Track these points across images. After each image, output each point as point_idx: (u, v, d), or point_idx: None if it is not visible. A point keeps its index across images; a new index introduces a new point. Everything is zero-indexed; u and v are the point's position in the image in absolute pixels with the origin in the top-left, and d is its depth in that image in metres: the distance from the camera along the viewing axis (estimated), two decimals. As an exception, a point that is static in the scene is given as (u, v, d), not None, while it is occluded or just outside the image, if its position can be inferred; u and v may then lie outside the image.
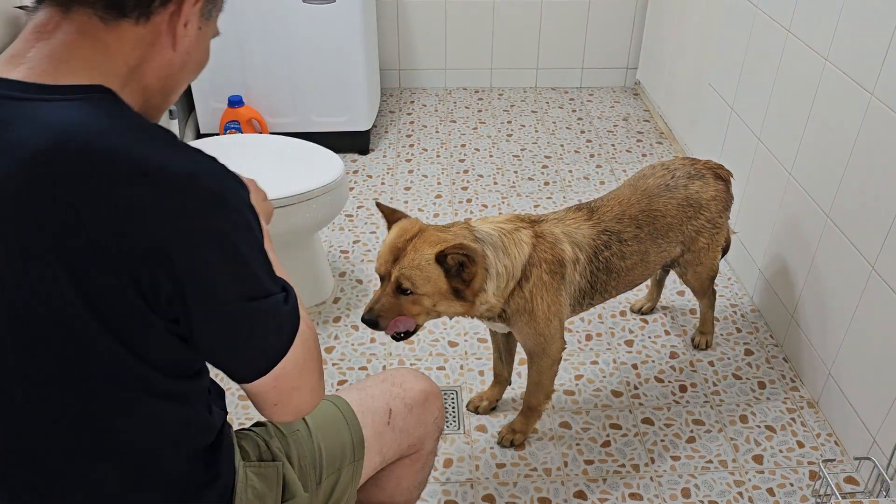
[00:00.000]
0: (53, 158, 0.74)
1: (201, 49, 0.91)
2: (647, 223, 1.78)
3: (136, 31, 0.83)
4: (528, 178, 3.08)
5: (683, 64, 3.17)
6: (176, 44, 0.85)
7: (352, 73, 3.01)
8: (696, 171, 1.88)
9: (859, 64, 1.80)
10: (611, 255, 1.72)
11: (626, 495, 1.78)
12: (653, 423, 1.98)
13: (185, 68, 0.89)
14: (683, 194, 1.84)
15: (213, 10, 0.89)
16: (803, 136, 2.06)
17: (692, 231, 1.87)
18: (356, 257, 2.59)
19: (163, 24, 0.84)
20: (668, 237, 1.83)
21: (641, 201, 1.79)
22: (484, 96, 3.77)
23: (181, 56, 0.87)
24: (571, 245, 1.66)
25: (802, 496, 1.79)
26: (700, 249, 1.91)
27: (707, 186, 1.87)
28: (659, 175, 1.86)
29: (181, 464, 0.93)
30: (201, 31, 0.88)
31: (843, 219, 1.88)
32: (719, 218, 1.91)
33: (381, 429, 1.23)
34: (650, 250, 1.80)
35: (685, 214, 1.84)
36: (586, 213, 1.74)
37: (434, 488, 1.79)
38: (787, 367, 2.15)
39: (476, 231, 1.57)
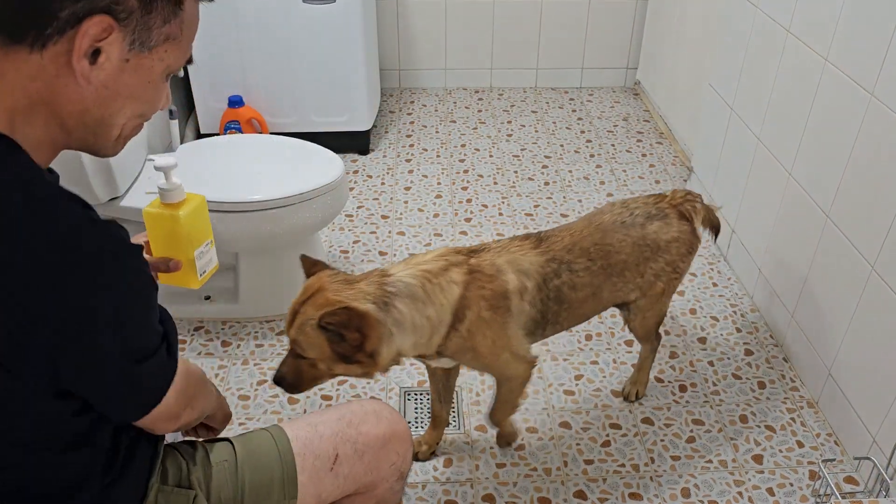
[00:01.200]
0: None
1: (132, 83, 0.82)
2: (599, 257, 1.66)
3: (33, 61, 0.76)
4: (528, 178, 3.08)
5: (683, 64, 3.17)
6: (78, 77, 0.78)
7: (352, 73, 3.01)
8: (658, 211, 1.74)
9: (859, 64, 1.80)
10: (561, 284, 1.61)
11: (625, 495, 1.78)
12: (653, 422, 1.98)
13: (106, 104, 0.82)
14: (640, 233, 1.70)
15: (148, 38, 0.80)
16: (803, 136, 2.06)
17: (650, 274, 1.73)
18: (356, 257, 2.59)
19: (63, 54, 0.76)
20: (624, 276, 1.70)
21: (594, 234, 1.67)
22: (484, 96, 3.78)
23: (96, 90, 0.79)
24: (517, 274, 1.55)
25: (802, 496, 1.79)
26: (656, 295, 1.78)
27: (668, 227, 1.73)
28: (616, 212, 1.73)
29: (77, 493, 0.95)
30: (129, 62, 0.80)
31: (842, 219, 1.88)
32: (681, 262, 1.76)
33: (322, 474, 1.16)
34: (603, 286, 1.68)
35: (641, 254, 1.71)
36: (534, 241, 1.63)
37: (434, 488, 1.79)
38: (786, 367, 2.15)
39: (390, 283, 1.39)
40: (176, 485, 1.05)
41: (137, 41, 0.79)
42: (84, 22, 0.75)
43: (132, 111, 0.86)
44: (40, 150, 0.82)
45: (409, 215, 2.83)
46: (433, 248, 1.57)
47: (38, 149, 0.81)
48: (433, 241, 2.67)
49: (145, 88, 0.84)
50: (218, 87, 3.00)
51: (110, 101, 0.82)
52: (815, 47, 1.98)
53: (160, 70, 0.84)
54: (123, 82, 0.81)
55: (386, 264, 2.54)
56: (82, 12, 0.75)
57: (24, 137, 0.80)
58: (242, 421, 1.96)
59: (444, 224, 2.77)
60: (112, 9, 0.76)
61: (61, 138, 0.83)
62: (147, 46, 0.81)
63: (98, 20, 0.76)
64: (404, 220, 2.80)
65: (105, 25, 0.76)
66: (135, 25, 0.78)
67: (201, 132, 3.13)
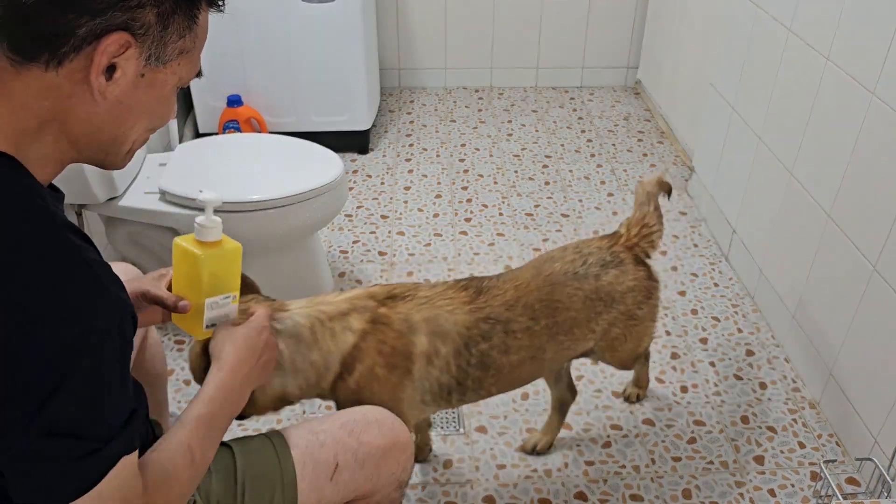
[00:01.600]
0: None
1: (146, 99, 0.81)
2: (545, 315, 1.49)
3: (46, 79, 0.75)
4: (529, 177, 3.07)
5: (684, 63, 3.17)
6: (94, 93, 0.76)
7: (351, 73, 3.00)
8: (614, 257, 1.59)
9: (861, 63, 1.79)
10: (489, 349, 1.44)
11: (626, 496, 1.78)
12: (654, 423, 1.97)
13: (120, 120, 0.81)
14: (594, 286, 1.54)
15: (164, 54, 0.79)
16: (804, 135, 2.05)
17: (603, 325, 1.58)
18: (356, 257, 2.59)
19: (79, 70, 0.75)
20: (573, 334, 1.55)
21: (542, 288, 1.50)
22: (484, 96, 3.77)
23: (110, 107, 0.79)
24: (430, 336, 1.39)
25: (804, 497, 1.78)
26: (614, 339, 1.62)
27: (624, 276, 1.58)
28: (568, 259, 1.57)
29: None
30: (144, 77, 0.79)
31: (844, 218, 1.87)
32: (637, 310, 1.61)
33: (322, 483, 1.15)
34: (546, 347, 1.52)
35: (593, 309, 1.55)
36: (472, 293, 1.46)
37: (434, 489, 1.78)
38: (788, 368, 2.15)
39: (279, 319, 1.29)
40: None
41: (153, 56, 0.79)
42: (102, 39, 0.74)
43: (144, 126, 0.85)
44: (46, 166, 0.81)
45: (408, 215, 2.82)
46: (360, 287, 1.43)
47: (44, 165, 0.80)
48: (433, 241, 2.67)
49: (158, 102, 0.84)
50: (217, 87, 2.99)
51: (124, 118, 0.81)
52: (817, 46, 1.97)
53: (173, 84, 0.84)
54: (137, 98, 0.80)
55: (385, 264, 2.54)
56: (100, 29, 0.74)
57: (30, 155, 0.78)
58: (242, 423, 1.95)
59: (443, 224, 2.77)
60: (130, 25, 0.75)
61: (70, 155, 0.82)
62: (162, 61, 0.80)
63: (116, 37, 0.75)
64: (404, 220, 2.79)
65: (123, 42, 0.75)
66: (151, 41, 0.78)
67: (200, 131, 3.12)
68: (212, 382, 1.01)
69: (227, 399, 1.00)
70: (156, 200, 2.05)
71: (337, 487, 1.16)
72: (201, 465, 0.94)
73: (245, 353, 1.05)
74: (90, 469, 0.78)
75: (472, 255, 2.60)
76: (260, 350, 1.05)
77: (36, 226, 0.75)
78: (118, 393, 0.80)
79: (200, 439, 0.94)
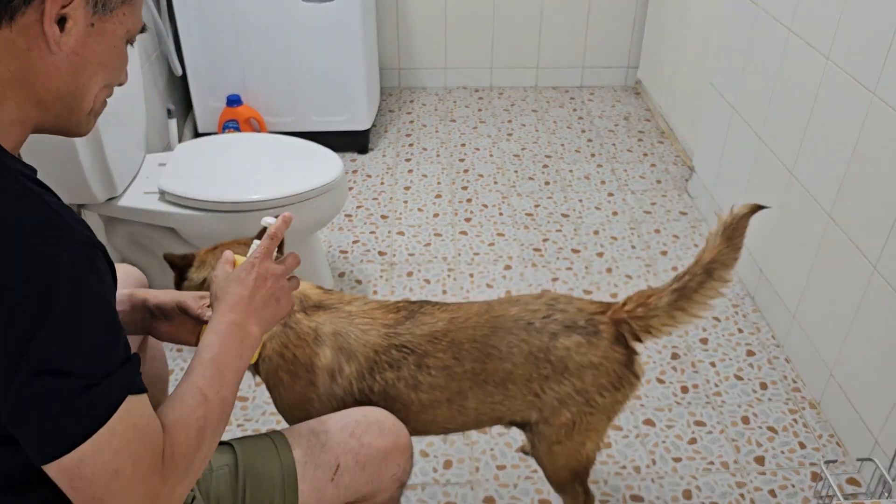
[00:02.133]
0: None
1: (99, 49, 0.83)
2: (472, 359, 1.33)
3: (3, 36, 0.77)
4: (529, 177, 3.07)
5: (684, 63, 3.17)
6: (50, 44, 0.78)
7: (351, 73, 3.00)
8: (589, 324, 1.34)
9: (861, 63, 1.79)
10: (396, 379, 1.32)
11: (627, 497, 1.77)
12: (654, 424, 1.97)
13: (78, 72, 0.82)
14: (543, 345, 1.33)
15: (108, 4, 0.82)
16: (805, 135, 2.05)
17: (552, 397, 1.35)
18: (356, 257, 2.58)
19: (32, 25, 0.77)
20: (506, 389, 1.35)
21: (480, 328, 1.34)
22: (484, 95, 3.77)
23: (68, 58, 0.81)
24: (336, 351, 1.33)
25: (804, 497, 1.78)
26: (563, 426, 1.37)
27: (590, 348, 1.33)
28: (533, 308, 1.36)
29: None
30: (94, 27, 0.81)
31: (844, 218, 1.87)
32: (598, 395, 1.35)
33: (323, 484, 1.14)
34: (469, 394, 1.35)
35: (537, 370, 1.33)
36: (401, 317, 1.36)
37: (434, 490, 1.78)
38: (788, 368, 2.14)
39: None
40: None
41: (100, 4, 0.81)
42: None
43: (102, 79, 0.86)
44: (12, 131, 0.82)
45: (408, 215, 2.82)
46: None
47: (9, 130, 0.81)
48: (433, 241, 2.66)
49: (111, 53, 0.85)
50: (216, 86, 2.99)
51: (82, 69, 0.83)
52: (817, 46, 1.97)
53: (121, 34, 0.86)
54: (91, 48, 0.82)
55: (385, 264, 2.53)
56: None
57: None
58: (241, 422, 1.95)
59: (443, 224, 2.76)
60: None
61: (35, 115, 0.83)
62: (108, 9, 0.82)
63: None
64: (404, 220, 2.79)
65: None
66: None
67: (199, 131, 3.12)
68: (209, 328, 0.98)
69: (228, 338, 0.96)
70: (155, 200, 2.05)
71: (338, 489, 1.16)
72: (215, 402, 0.91)
73: (236, 290, 1.01)
74: (93, 405, 0.76)
75: (471, 254, 2.60)
76: (251, 285, 1.00)
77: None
78: (108, 332, 0.79)
79: (208, 379, 0.91)
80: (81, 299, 0.76)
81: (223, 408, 0.92)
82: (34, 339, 0.73)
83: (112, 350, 0.79)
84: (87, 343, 0.77)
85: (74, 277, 0.76)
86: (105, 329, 0.79)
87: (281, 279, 1.05)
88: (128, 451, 0.78)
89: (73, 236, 0.77)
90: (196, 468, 0.87)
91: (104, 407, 0.77)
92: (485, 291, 2.42)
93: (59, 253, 0.75)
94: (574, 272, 2.51)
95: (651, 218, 2.81)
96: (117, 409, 0.77)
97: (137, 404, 0.80)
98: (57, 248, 0.75)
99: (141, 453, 0.79)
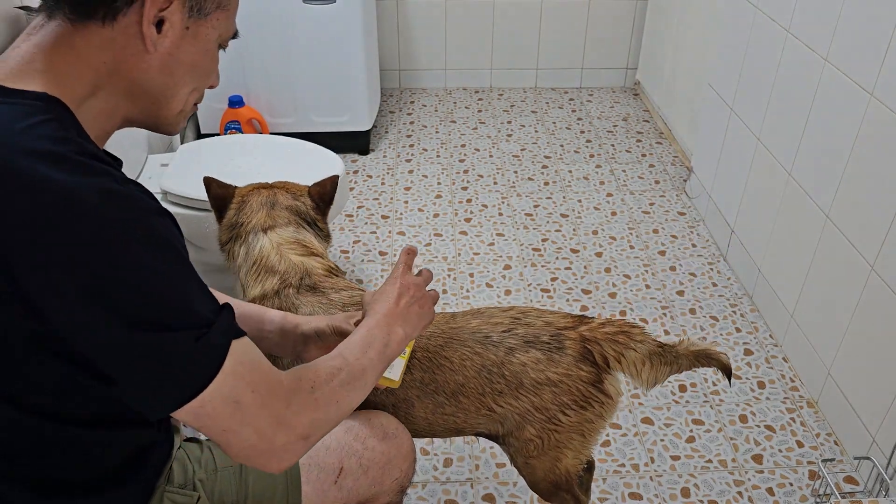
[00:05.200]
0: None
1: (192, 51, 0.86)
2: (422, 368, 1.32)
3: (103, 33, 0.81)
4: (528, 178, 3.08)
5: (683, 64, 3.18)
6: (147, 44, 0.82)
7: (352, 73, 3.01)
8: (553, 340, 1.31)
9: (859, 64, 1.80)
10: None
11: (625, 495, 1.79)
12: (652, 422, 1.98)
13: (170, 72, 0.86)
14: (497, 359, 1.30)
15: (204, 6, 0.85)
16: (803, 136, 2.06)
17: (510, 413, 1.32)
18: (356, 257, 2.60)
19: (132, 25, 0.81)
20: (458, 401, 1.32)
21: (436, 338, 1.32)
22: (484, 96, 3.78)
23: (162, 58, 0.84)
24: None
25: (802, 496, 1.79)
26: (528, 441, 1.34)
27: (550, 364, 1.29)
28: (496, 321, 1.34)
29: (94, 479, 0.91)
30: (189, 30, 0.84)
31: (842, 219, 1.88)
32: (560, 414, 1.30)
33: (326, 486, 1.15)
34: (417, 404, 1.33)
35: (490, 385, 1.30)
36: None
37: (434, 488, 1.79)
38: (786, 367, 2.15)
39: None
40: (180, 486, 1.05)
41: (195, 8, 0.84)
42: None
43: (192, 82, 0.90)
44: (98, 120, 0.85)
45: (409, 215, 2.83)
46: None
47: (95, 118, 0.85)
48: (433, 241, 2.67)
49: (203, 57, 0.89)
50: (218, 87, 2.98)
51: (174, 69, 0.86)
52: (815, 47, 1.98)
53: (214, 38, 0.89)
54: (185, 49, 0.85)
55: (386, 264, 2.54)
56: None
57: (86, 107, 0.83)
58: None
59: (444, 224, 2.78)
60: None
61: (123, 107, 0.86)
62: (203, 14, 0.85)
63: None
64: (404, 221, 2.80)
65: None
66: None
67: (201, 132, 3.13)
68: (356, 332, 1.04)
69: (375, 329, 1.02)
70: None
71: (340, 492, 1.17)
72: (353, 364, 0.96)
73: (382, 301, 1.07)
74: (204, 354, 0.79)
75: (471, 254, 2.61)
76: (394, 301, 1.07)
77: (59, 142, 0.77)
78: (200, 286, 0.82)
79: (350, 349, 0.98)
80: (170, 258, 0.78)
81: (361, 374, 0.96)
82: (134, 301, 0.75)
83: (207, 301, 0.82)
84: (185, 298, 0.79)
85: (159, 238, 0.78)
86: (198, 283, 0.82)
87: (422, 288, 1.11)
88: (244, 384, 0.81)
89: (146, 203, 0.80)
90: (322, 403, 0.89)
91: (215, 355, 0.80)
92: (484, 291, 2.43)
93: (138, 217, 0.77)
94: (573, 272, 2.53)
95: (649, 218, 2.82)
96: (227, 354, 0.80)
97: (243, 345, 0.83)
98: (134, 213, 0.77)
99: (257, 382, 0.83)
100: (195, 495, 1.05)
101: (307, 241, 1.49)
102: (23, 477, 0.87)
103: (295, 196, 1.55)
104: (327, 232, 1.59)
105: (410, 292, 1.08)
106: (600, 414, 1.33)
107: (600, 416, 1.34)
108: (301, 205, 1.55)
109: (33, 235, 0.71)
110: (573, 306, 2.36)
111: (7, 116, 0.76)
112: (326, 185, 1.59)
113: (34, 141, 0.74)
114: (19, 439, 0.85)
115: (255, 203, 1.52)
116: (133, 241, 0.75)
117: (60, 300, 0.73)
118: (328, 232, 1.59)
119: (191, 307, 0.79)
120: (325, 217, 1.59)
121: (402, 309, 1.06)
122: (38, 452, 0.86)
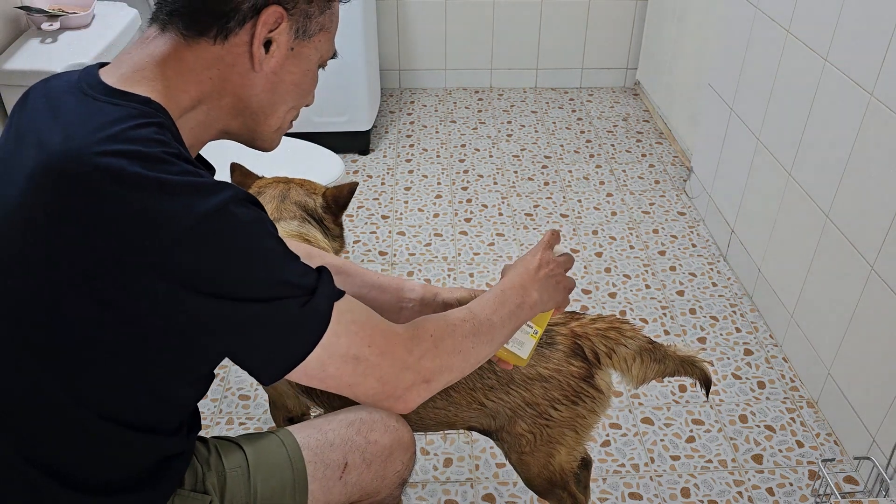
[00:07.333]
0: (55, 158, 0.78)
1: (295, 71, 0.90)
2: None
3: (213, 50, 0.85)
4: (528, 178, 3.08)
5: (683, 64, 3.18)
6: (255, 63, 0.86)
7: (352, 74, 3.01)
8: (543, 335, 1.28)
9: (859, 64, 1.80)
10: None
11: (625, 495, 1.79)
12: (652, 422, 1.98)
13: (273, 90, 0.90)
14: None
15: (308, 27, 0.89)
16: (803, 136, 2.06)
17: (502, 408, 1.33)
18: (356, 257, 2.60)
19: (241, 44, 0.85)
20: (449, 397, 1.34)
21: None
22: (484, 96, 3.78)
23: (266, 77, 0.88)
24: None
25: (802, 496, 1.79)
26: (520, 435, 1.35)
27: (540, 360, 1.30)
28: None
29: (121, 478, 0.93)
30: (293, 51, 0.89)
31: (842, 219, 1.88)
32: (551, 409, 1.31)
33: (331, 483, 1.16)
34: None
35: (481, 381, 1.31)
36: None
37: (434, 487, 1.79)
38: (786, 367, 2.16)
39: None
40: (192, 489, 1.05)
41: (301, 30, 0.88)
42: (262, 12, 0.85)
43: (293, 100, 0.94)
44: (197, 130, 0.89)
45: (409, 215, 2.83)
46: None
47: (195, 129, 0.89)
48: (433, 241, 2.68)
49: (305, 76, 0.93)
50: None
51: (276, 87, 0.90)
52: (815, 47, 1.98)
53: (315, 59, 0.93)
54: (288, 69, 0.90)
55: (386, 264, 2.54)
56: (259, 4, 0.85)
57: (186, 118, 0.87)
58: (243, 421, 1.96)
59: (444, 224, 2.78)
60: (282, 0, 0.86)
61: (223, 120, 0.90)
62: (307, 35, 0.90)
63: (273, 10, 0.85)
64: (404, 221, 2.80)
65: (278, 15, 0.86)
66: (299, 15, 0.88)
67: (201, 132, 3.12)
68: (490, 290, 1.07)
69: (509, 290, 1.05)
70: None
71: (345, 487, 1.17)
72: (481, 319, 0.99)
73: (521, 266, 1.10)
74: (311, 317, 0.83)
75: (471, 255, 2.61)
76: (533, 268, 1.09)
77: (149, 135, 0.80)
78: (293, 256, 0.85)
79: (481, 304, 1.01)
80: (270, 238, 0.83)
81: (490, 329, 0.99)
82: (245, 279, 0.79)
83: (304, 269, 0.85)
84: (283, 267, 0.83)
85: (261, 222, 0.82)
86: (292, 255, 0.85)
87: (560, 266, 1.12)
88: (358, 340, 0.86)
89: (242, 192, 0.82)
90: (444, 350, 0.93)
91: (319, 318, 0.84)
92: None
93: (229, 201, 0.79)
94: (573, 272, 2.53)
95: (649, 218, 2.82)
96: (331, 315, 0.84)
97: (348, 303, 0.88)
98: (226, 197, 0.79)
99: (372, 334, 0.88)
100: (207, 498, 1.05)
101: (310, 235, 1.50)
102: (65, 474, 0.89)
103: (307, 193, 1.58)
104: (337, 232, 1.60)
105: (550, 266, 1.10)
106: (592, 409, 1.33)
107: (592, 412, 1.33)
108: (311, 202, 1.57)
109: (148, 233, 0.75)
110: (573, 306, 2.36)
111: (113, 116, 0.80)
112: (343, 190, 1.60)
113: (130, 143, 0.78)
114: (72, 435, 0.88)
115: (269, 195, 1.56)
116: (240, 229, 0.79)
117: (180, 288, 0.76)
118: (339, 233, 1.61)
119: (291, 279, 0.83)
120: (336, 219, 1.61)
121: (540, 277, 1.08)
122: (91, 450, 0.89)
